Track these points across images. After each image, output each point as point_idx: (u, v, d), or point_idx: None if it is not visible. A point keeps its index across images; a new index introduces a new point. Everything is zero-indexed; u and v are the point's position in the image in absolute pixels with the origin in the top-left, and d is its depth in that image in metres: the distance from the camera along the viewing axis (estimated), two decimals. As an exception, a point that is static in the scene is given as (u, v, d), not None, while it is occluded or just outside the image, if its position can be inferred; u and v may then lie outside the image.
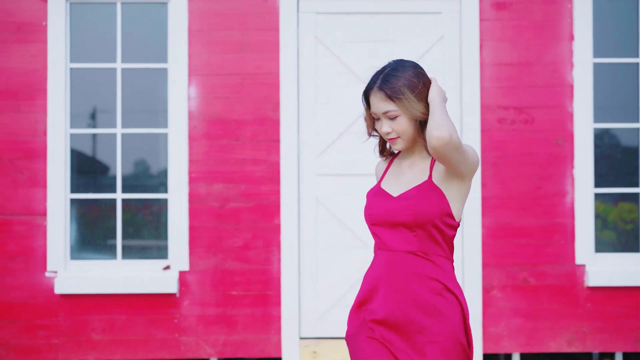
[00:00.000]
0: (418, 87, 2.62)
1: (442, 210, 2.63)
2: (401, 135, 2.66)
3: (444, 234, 2.65)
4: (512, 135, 5.30)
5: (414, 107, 2.62)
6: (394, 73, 2.64)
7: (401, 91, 2.61)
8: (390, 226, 2.67)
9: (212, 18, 5.28)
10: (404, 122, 2.64)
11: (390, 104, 2.63)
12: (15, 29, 5.25)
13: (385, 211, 2.68)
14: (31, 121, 5.24)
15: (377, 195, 2.74)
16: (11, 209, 5.22)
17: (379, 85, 2.65)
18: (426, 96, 2.64)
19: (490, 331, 5.25)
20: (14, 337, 5.20)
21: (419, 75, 2.65)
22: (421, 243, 2.64)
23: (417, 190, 2.65)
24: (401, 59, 2.72)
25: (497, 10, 5.32)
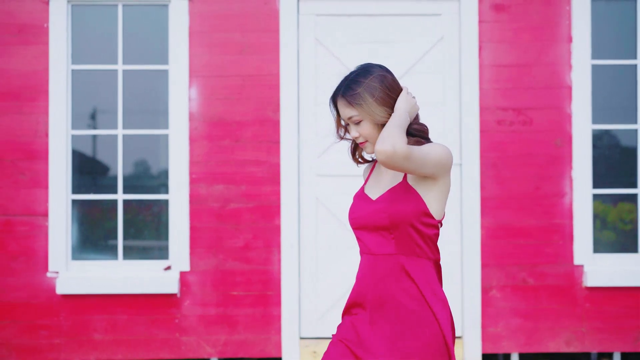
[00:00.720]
0: (379, 92, 2.66)
1: (419, 210, 2.65)
2: (368, 139, 2.71)
3: (423, 234, 2.67)
4: (511, 136, 5.33)
5: (374, 111, 2.66)
6: (356, 79, 2.69)
7: (361, 96, 2.65)
8: (371, 229, 2.70)
9: (212, 20, 5.31)
10: (367, 126, 2.69)
11: (352, 110, 2.68)
12: (17, 30, 5.28)
13: (365, 215, 2.71)
14: (33, 122, 5.27)
15: (359, 198, 2.78)
16: (13, 209, 5.25)
17: (342, 92, 2.70)
18: (389, 101, 2.68)
19: (489, 331, 5.28)
20: (16, 337, 5.23)
21: (382, 80, 2.68)
22: (400, 245, 2.67)
23: (392, 192, 2.68)
24: (368, 64, 2.76)
25: (496, 12, 5.35)
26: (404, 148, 2.53)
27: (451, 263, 5.32)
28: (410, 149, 2.55)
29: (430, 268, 2.69)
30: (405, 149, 2.53)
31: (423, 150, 2.60)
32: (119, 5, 5.36)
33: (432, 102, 5.36)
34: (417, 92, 5.34)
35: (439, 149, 2.64)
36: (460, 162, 5.32)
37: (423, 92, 5.36)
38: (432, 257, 2.70)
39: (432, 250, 2.70)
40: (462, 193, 5.30)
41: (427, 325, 2.62)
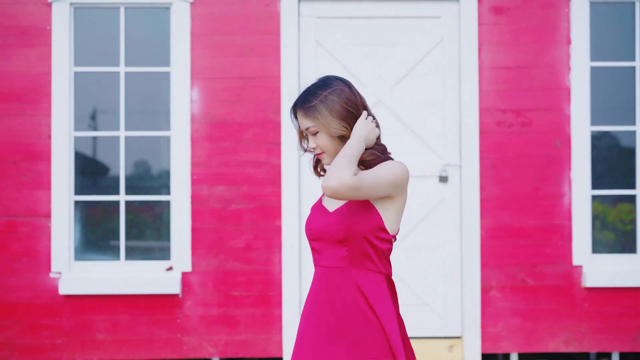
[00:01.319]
0: (336, 105, 2.67)
1: (374, 225, 2.65)
2: (325, 150, 2.71)
3: (377, 249, 2.67)
4: (511, 137, 5.37)
5: (330, 124, 2.66)
6: (314, 90, 2.70)
7: (317, 109, 2.66)
8: (326, 242, 2.69)
9: (214, 22, 5.35)
10: (324, 138, 2.69)
11: (309, 121, 2.68)
12: (20, 33, 5.32)
13: (320, 227, 2.70)
14: (36, 124, 5.31)
15: (316, 210, 2.77)
16: (16, 210, 5.28)
17: (300, 103, 2.71)
18: (346, 115, 2.68)
19: (488, 331, 5.31)
20: (19, 337, 5.27)
21: (340, 94, 2.69)
22: (353, 258, 2.66)
23: (349, 205, 2.67)
24: (328, 76, 2.76)
25: (496, 15, 5.39)
26: (351, 181, 2.53)
27: (451, 263, 5.35)
28: (359, 179, 2.55)
29: (382, 283, 2.68)
30: (353, 181, 2.54)
31: (376, 174, 2.61)
32: (121, 8, 5.40)
33: (432, 104, 5.40)
34: (418, 93, 5.38)
35: (393, 169, 2.65)
36: (460, 163, 5.35)
37: (423, 93, 5.40)
38: (384, 272, 2.70)
39: (384, 265, 2.70)
40: (461, 194, 5.33)
41: (375, 341, 2.62)
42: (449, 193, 5.37)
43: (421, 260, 5.36)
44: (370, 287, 2.66)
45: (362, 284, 2.66)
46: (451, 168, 5.37)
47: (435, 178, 5.37)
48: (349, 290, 2.66)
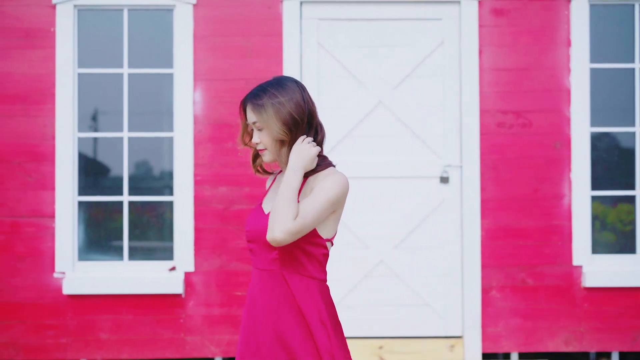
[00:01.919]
0: (282, 108, 2.67)
1: None
2: (267, 148, 2.72)
3: (309, 254, 2.68)
4: (511, 138, 5.41)
5: (272, 126, 2.67)
6: (267, 88, 2.70)
7: (265, 107, 2.67)
8: (259, 243, 2.71)
9: (217, 24, 5.40)
10: (267, 136, 2.70)
11: (256, 116, 2.69)
12: (24, 34, 5.36)
13: (256, 228, 2.71)
14: (40, 125, 5.35)
15: (254, 211, 2.79)
16: (20, 211, 5.33)
17: (250, 97, 2.72)
18: (290, 121, 2.67)
19: (489, 331, 5.35)
20: (23, 337, 5.31)
21: (290, 98, 2.68)
22: (284, 262, 2.68)
23: None
24: (284, 77, 2.77)
25: (496, 17, 5.43)
26: (294, 227, 2.55)
27: (451, 263, 5.39)
28: (302, 219, 2.57)
29: (314, 288, 2.69)
30: (295, 227, 2.56)
31: (316, 203, 2.61)
32: (125, 10, 5.44)
33: (432, 105, 5.44)
34: (418, 94, 5.42)
35: (332, 187, 2.64)
36: (460, 164, 5.39)
37: (424, 94, 5.44)
38: (317, 277, 2.70)
39: (317, 270, 2.70)
40: (462, 195, 5.38)
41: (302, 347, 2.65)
42: (450, 194, 5.41)
43: (422, 261, 5.40)
44: (300, 292, 2.67)
45: (293, 287, 2.67)
46: (452, 169, 5.41)
47: (436, 179, 5.41)
48: (279, 294, 2.68)
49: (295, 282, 2.68)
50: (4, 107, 5.35)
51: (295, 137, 2.69)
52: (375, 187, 5.42)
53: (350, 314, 5.38)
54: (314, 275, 2.70)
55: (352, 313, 5.38)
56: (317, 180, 2.69)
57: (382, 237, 5.40)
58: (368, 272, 5.40)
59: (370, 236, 5.41)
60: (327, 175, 2.69)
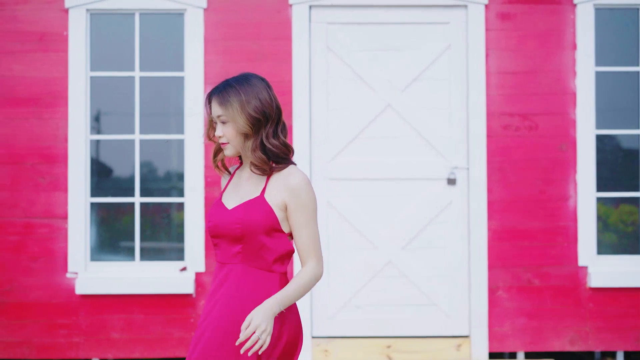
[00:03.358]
0: (247, 104, 2.74)
1: (269, 226, 2.74)
2: (230, 141, 2.78)
3: (272, 248, 2.75)
4: (517, 141, 5.48)
5: (237, 120, 2.74)
6: (233, 84, 2.78)
7: (231, 101, 2.74)
8: (223, 238, 2.78)
9: (227, 28, 5.47)
10: (231, 130, 2.76)
11: (221, 110, 2.75)
12: (38, 38, 5.44)
13: (219, 223, 2.78)
14: (53, 127, 5.43)
15: (215, 206, 2.85)
16: (33, 212, 5.40)
17: (216, 91, 2.79)
18: (254, 117, 2.75)
19: (495, 330, 5.43)
20: (37, 336, 5.38)
21: (257, 95, 2.77)
22: (247, 256, 2.75)
23: (248, 204, 2.76)
24: (250, 74, 2.85)
25: (503, 21, 5.50)
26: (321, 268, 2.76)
27: (458, 264, 5.47)
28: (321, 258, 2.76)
29: (274, 281, 2.75)
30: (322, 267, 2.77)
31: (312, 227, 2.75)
32: (136, 14, 5.52)
33: (440, 108, 5.51)
34: (426, 97, 5.50)
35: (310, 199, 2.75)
36: (467, 166, 5.47)
37: (431, 97, 5.51)
38: (277, 270, 2.77)
39: (277, 264, 2.77)
40: (469, 196, 5.45)
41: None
42: (457, 195, 5.49)
43: (429, 261, 5.47)
44: (260, 285, 2.73)
45: (252, 281, 2.74)
46: (459, 171, 5.49)
47: (444, 180, 5.49)
48: (240, 287, 2.73)
49: (256, 275, 2.74)
50: (17, 110, 5.43)
51: (259, 131, 2.75)
52: (383, 189, 5.49)
53: (358, 314, 5.46)
54: (274, 268, 2.76)
55: (360, 313, 5.46)
56: (284, 188, 2.75)
57: (390, 237, 5.48)
58: (376, 273, 5.47)
59: (378, 237, 5.48)
60: (292, 180, 2.75)
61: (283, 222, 2.76)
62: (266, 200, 2.75)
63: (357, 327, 5.45)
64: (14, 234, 5.41)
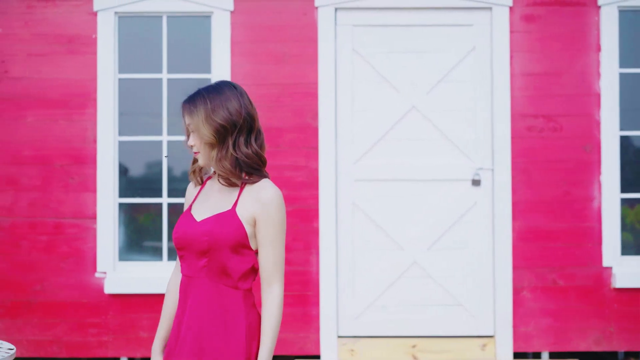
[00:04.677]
0: (214, 115, 2.66)
1: (237, 241, 2.65)
2: (199, 150, 2.71)
3: (237, 264, 2.66)
4: (542, 142, 5.51)
5: (201, 129, 2.66)
6: (203, 92, 2.70)
7: (197, 110, 2.66)
8: (190, 251, 2.69)
9: (253, 30, 5.53)
10: (198, 139, 2.69)
11: (189, 118, 2.69)
12: (67, 41, 5.51)
13: (186, 235, 2.69)
14: (82, 129, 5.50)
15: (184, 217, 2.76)
16: (63, 212, 5.48)
17: (187, 100, 2.72)
18: (219, 129, 2.66)
19: (520, 330, 5.47)
20: (66, 335, 5.46)
21: (224, 105, 2.68)
22: (211, 271, 2.66)
23: (217, 218, 2.67)
24: (223, 82, 2.76)
25: (527, 23, 5.53)
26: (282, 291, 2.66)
27: (483, 264, 5.51)
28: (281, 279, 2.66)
29: (238, 298, 2.67)
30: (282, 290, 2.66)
31: (280, 248, 2.67)
32: (164, 17, 5.58)
33: (464, 109, 5.55)
34: (451, 99, 5.54)
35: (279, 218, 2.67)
36: (492, 167, 5.51)
37: (456, 99, 5.55)
38: (242, 287, 2.67)
39: (243, 281, 2.67)
40: (494, 197, 5.49)
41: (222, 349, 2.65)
42: (482, 196, 5.53)
43: (454, 262, 5.51)
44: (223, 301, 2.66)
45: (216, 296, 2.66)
46: (483, 172, 5.52)
47: (468, 182, 5.53)
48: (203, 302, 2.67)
49: (221, 291, 2.66)
50: (47, 112, 5.50)
51: (225, 141, 2.66)
52: (408, 190, 5.54)
53: (384, 314, 5.51)
54: (239, 285, 2.67)
55: (386, 313, 5.51)
56: (256, 202, 2.67)
57: (415, 238, 5.52)
58: (401, 273, 5.52)
59: (404, 238, 5.53)
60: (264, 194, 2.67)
61: (252, 238, 2.68)
62: (237, 214, 2.66)
63: (383, 327, 5.50)
64: (44, 234, 5.48)
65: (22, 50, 5.52)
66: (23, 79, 5.51)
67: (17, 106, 5.51)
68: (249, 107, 2.72)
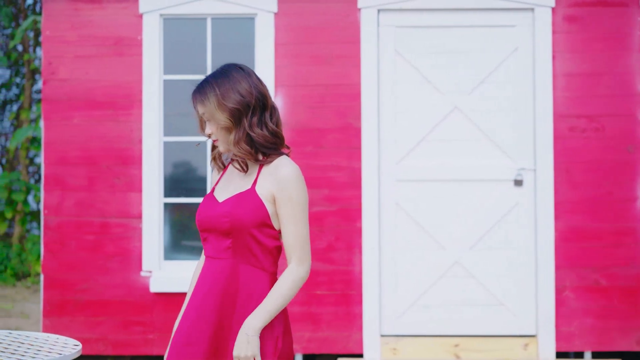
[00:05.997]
0: (224, 99, 2.66)
1: (259, 220, 2.65)
2: (218, 137, 2.71)
3: (262, 245, 2.67)
4: (584, 142, 5.53)
5: (216, 116, 2.67)
6: (210, 80, 2.71)
7: (208, 98, 2.68)
8: (212, 232, 2.70)
9: (297, 32, 5.58)
10: (214, 126, 2.70)
11: (201, 107, 2.70)
12: (113, 43, 5.59)
13: (209, 217, 2.70)
14: (127, 130, 5.58)
15: (207, 200, 2.77)
16: (109, 212, 5.56)
17: (195, 90, 2.74)
18: (233, 110, 2.66)
19: (562, 330, 5.49)
20: (112, 333, 5.54)
21: (234, 87, 2.67)
22: (236, 252, 2.66)
23: (238, 198, 2.68)
24: (228, 65, 2.75)
25: (569, 23, 5.55)
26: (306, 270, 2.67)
27: (526, 264, 5.53)
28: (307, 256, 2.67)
29: (264, 280, 2.68)
30: (308, 265, 2.68)
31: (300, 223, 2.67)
32: (208, 18, 5.65)
33: (506, 110, 5.57)
34: (493, 100, 5.57)
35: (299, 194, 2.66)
36: (534, 167, 5.53)
37: (498, 100, 5.58)
38: (268, 269, 2.69)
39: (268, 262, 2.69)
40: (536, 198, 5.51)
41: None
42: (524, 196, 5.55)
43: (496, 261, 5.54)
44: (249, 283, 2.66)
45: (242, 278, 2.66)
46: (526, 172, 5.55)
47: (510, 182, 5.55)
48: (228, 283, 2.66)
49: (246, 272, 2.67)
50: (94, 113, 5.58)
51: (241, 123, 2.66)
52: (450, 190, 5.57)
53: (426, 314, 5.54)
54: (265, 267, 2.69)
55: (428, 312, 5.54)
56: (274, 180, 2.67)
57: (457, 238, 5.56)
58: (444, 273, 5.55)
59: (446, 237, 5.56)
60: (281, 171, 2.66)
61: (274, 217, 2.68)
62: (257, 193, 2.67)
63: (425, 326, 5.53)
64: (91, 233, 5.56)
65: (69, 52, 5.60)
66: (70, 81, 5.60)
67: (65, 107, 5.59)
68: (259, 85, 2.71)
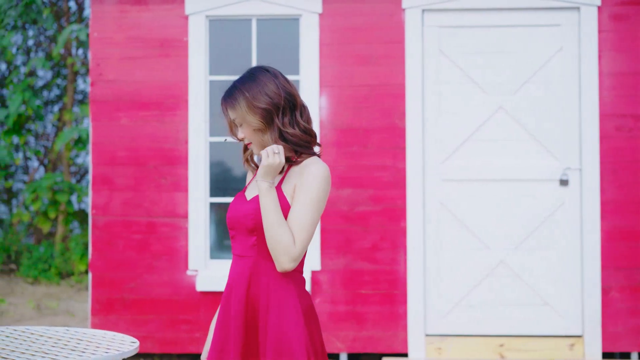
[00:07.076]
0: (254, 101, 2.69)
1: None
2: (251, 141, 2.74)
3: None
4: (630, 142, 5.50)
5: (248, 119, 2.70)
6: (238, 84, 2.73)
7: (237, 103, 2.71)
8: (239, 230, 2.73)
9: (341, 32, 5.60)
10: (247, 130, 2.72)
11: (232, 113, 2.73)
12: (159, 44, 5.65)
13: (236, 215, 2.74)
14: (174, 130, 5.63)
15: (236, 199, 2.81)
16: (156, 211, 5.62)
17: (224, 96, 2.76)
18: (263, 112, 2.69)
19: (608, 330, 5.46)
20: (159, 331, 5.60)
21: (262, 89, 2.70)
22: (261, 249, 2.69)
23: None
24: (256, 68, 2.77)
25: (615, 22, 5.52)
26: (297, 252, 2.61)
27: (571, 264, 5.51)
28: (301, 242, 2.61)
29: (288, 278, 2.70)
30: (298, 250, 2.61)
31: (307, 212, 2.64)
32: (253, 19, 5.69)
33: (551, 110, 5.56)
34: (538, 99, 5.55)
35: (316, 186, 2.65)
36: (580, 167, 5.51)
37: (543, 100, 5.56)
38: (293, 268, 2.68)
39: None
40: (582, 197, 5.49)
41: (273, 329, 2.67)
42: (569, 196, 5.53)
43: (542, 261, 5.53)
44: (275, 281, 2.68)
45: (267, 276, 2.68)
46: (571, 172, 5.53)
47: (556, 182, 5.54)
48: (254, 281, 2.68)
49: (271, 270, 2.68)
50: (141, 113, 5.64)
51: (273, 123, 2.70)
52: (495, 190, 5.56)
53: (471, 313, 5.54)
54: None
55: (473, 312, 5.55)
56: (299, 175, 2.70)
57: (503, 238, 5.55)
58: (489, 272, 5.55)
59: (491, 237, 5.56)
60: (308, 167, 2.69)
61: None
62: (282, 190, 2.71)
63: (470, 326, 5.54)
64: (138, 232, 5.63)
65: (116, 54, 5.67)
66: (117, 82, 5.66)
67: (112, 108, 5.66)
68: (287, 85, 2.74)
